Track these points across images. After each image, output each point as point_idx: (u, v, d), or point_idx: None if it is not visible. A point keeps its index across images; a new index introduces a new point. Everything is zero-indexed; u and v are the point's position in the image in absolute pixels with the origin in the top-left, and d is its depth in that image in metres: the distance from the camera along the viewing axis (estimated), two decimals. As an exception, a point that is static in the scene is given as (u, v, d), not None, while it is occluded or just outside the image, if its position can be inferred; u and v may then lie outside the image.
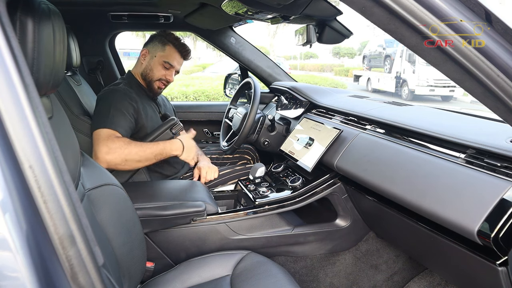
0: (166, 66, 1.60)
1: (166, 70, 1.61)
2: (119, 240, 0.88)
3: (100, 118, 1.42)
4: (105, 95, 1.51)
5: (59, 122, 0.76)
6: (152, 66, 1.60)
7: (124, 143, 1.35)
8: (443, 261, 1.04)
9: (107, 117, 1.40)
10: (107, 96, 1.50)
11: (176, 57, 1.61)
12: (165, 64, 1.59)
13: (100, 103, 1.49)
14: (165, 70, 1.60)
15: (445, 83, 10.55)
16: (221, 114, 2.21)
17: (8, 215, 0.39)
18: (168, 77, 1.62)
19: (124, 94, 1.49)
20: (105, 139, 1.34)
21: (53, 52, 0.63)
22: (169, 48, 1.59)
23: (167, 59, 1.59)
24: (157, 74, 1.60)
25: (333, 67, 22.92)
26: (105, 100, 1.48)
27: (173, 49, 1.60)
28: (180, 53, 1.62)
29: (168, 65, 1.59)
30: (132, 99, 1.49)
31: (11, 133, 0.39)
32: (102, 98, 1.51)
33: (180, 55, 1.63)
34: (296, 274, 1.47)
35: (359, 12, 0.59)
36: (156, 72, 1.60)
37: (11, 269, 0.40)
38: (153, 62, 1.60)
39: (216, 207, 1.36)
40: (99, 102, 1.51)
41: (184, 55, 1.64)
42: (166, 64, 1.59)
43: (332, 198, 1.41)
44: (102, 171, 0.96)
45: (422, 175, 0.94)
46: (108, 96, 1.49)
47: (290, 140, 1.61)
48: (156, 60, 1.59)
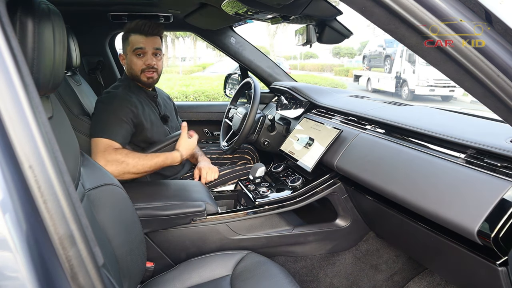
0: (139, 53, 1.52)
1: (141, 58, 1.53)
2: (119, 240, 0.88)
3: (98, 126, 1.41)
4: (104, 100, 1.49)
5: (59, 122, 0.76)
6: (129, 63, 1.55)
7: (122, 156, 1.33)
8: (443, 261, 1.04)
9: (106, 125, 1.39)
10: (106, 102, 1.48)
11: (139, 39, 1.52)
12: (136, 52, 1.52)
13: (99, 109, 1.48)
14: (141, 58, 1.53)
15: (445, 83, 10.55)
16: (221, 114, 2.21)
17: (8, 215, 0.39)
18: (147, 63, 1.54)
19: (123, 100, 1.47)
20: (103, 151, 1.33)
21: (53, 52, 0.63)
22: (131, 37, 1.53)
23: (134, 46, 1.52)
24: (137, 67, 1.54)
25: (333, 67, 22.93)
26: (104, 106, 1.47)
27: (134, 35, 1.52)
28: (142, 33, 1.52)
29: (139, 50, 1.52)
30: (132, 104, 1.48)
31: (11, 133, 0.39)
32: (101, 103, 1.49)
33: (143, 35, 1.52)
34: (296, 274, 1.47)
35: (359, 12, 0.59)
36: (134, 66, 1.54)
37: (11, 269, 0.40)
38: (129, 60, 1.56)
39: (216, 207, 1.36)
40: (98, 107, 1.49)
41: (146, 32, 1.52)
42: (137, 51, 1.52)
43: (332, 198, 1.41)
44: (102, 171, 0.96)
45: (422, 175, 0.94)
46: (107, 102, 1.48)
47: (290, 140, 1.61)
48: (129, 56, 1.55)
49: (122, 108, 1.44)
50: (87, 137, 1.44)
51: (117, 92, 1.51)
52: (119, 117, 1.42)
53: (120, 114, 1.43)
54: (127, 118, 1.44)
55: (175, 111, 1.89)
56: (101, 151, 1.33)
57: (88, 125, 1.51)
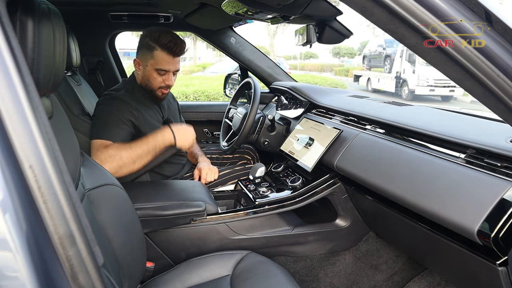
0: (161, 73, 1.49)
1: (162, 76, 1.50)
2: (119, 240, 0.88)
3: (96, 128, 1.40)
4: (105, 101, 1.47)
5: (59, 122, 0.76)
6: (147, 76, 1.50)
7: (114, 151, 1.31)
8: (443, 261, 1.04)
9: (104, 127, 1.37)
10: (105, 103, 1.46)
11: (167, 59, 1.46)
12: (159, 72, 1.48)
13: (98, 111, 1.46)
14: (161, 77, 1.50)
15: (445, 83, 10.55)
16: (221, 114, 2.21)
17: (8, 215, 0.39)
18: (167, 82, 1.51)
19: (123, 103, 1.44)
20: (96, 151, 1.32)
21: (53, 52, 0.63)
22: (157, 53, 1.45)
23: (158, 66, 1.47)
24: (155, 83, 1.51)
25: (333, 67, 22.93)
26: (104, 108, 1.45)
27: (162, 52, 1.45)
28: (171, 53, 1.46)
29: (162, 71, 1.48)
30: (132, 107, 1.44)
31: (11, 133, 0.39)
32: (101, 105, 1.47)
33: (171, 55, 1.47)
34: (296, 274, 1.47)
35: (359, 12, 0.59)
36: (153, 81, 1.50)
37: (11, 269, 0.40)
38: (147, 72, 1.50)
39: (216, 207, 1.36)
40: (98, 108, 1.48)
41: (175, 53, 1.47)
42: (160, 71, 1.48)
43: (332, 198, 1.41)
44: (102, 171, 0.96)
45: (422, 175, 0.94)
46: (106, 103, 1.46)
47: (290, 140, 1.61)
48: (149, 69, 1.48)
49: (121, 110, 1.43)
50: (87, 137, 1.44)
51: (117, 94, 1.49)
52: (119, 119, 1.41)
53: (120, 115, 1.41)
54: (126, 120, 1.42)
55: (178, 111, 1.88)
56: (95, 152, 1.32)
57: (88, 125, 1.51)
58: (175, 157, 1.63)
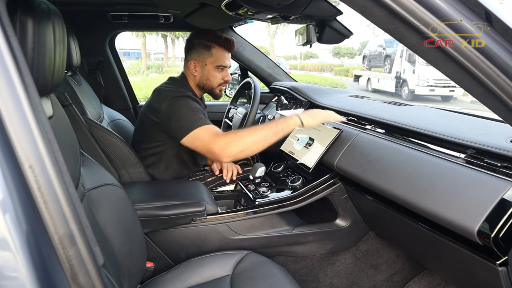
0: (220, 70, 1.54)
1: (221, 73, 1.55)
2: (119, 240, 0.88)
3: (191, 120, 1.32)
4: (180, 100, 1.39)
5: (59, 122, 0.76)
6: (207, 75, 1.53)
7: (234, 134, 1.25)
8: (443, 261, 1.04)
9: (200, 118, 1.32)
10: (183, 101, 1.39)
11: (225, 55, 1.54)
12: (219, 69, 1.53)
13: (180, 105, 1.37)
14: (221, 73, 1.55)
15: (445, 83, 10.55)
16: (221, 114, 2.21)
17: (8, 215, 0.39)
18: (225, 78, 1.56)
19: (194, 100, 1.42)
20: (214, 136, 1.25)
21: (53, 52, 0.63)
22: (215, 50, 1.51)
23: (219, 63, 1.52)
24: (215, 81, 1.54)
25: (333, 67, 22.94)
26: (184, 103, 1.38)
27: (219, 49, 1.51)
28: (227, 49, 1.53)
29: (222, 67, 1.54)
30: (201, 105, 1.45)
31: (11, 133, 0.39)
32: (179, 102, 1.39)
33: (227, 51, 1.54)
34: (296, 274, 1.47)
35: (359, 12, 0.59)
36: (213, 79, 1.54)
37: (11, 269, 0.40)
38: (206, 71, 1.53)
39: (216, 207, 1.36)
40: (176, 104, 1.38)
41: (230, 49, 1.55)
42: (219, 68, 1.53)
43: (332, 198, 1.41)
44: (102, 171, 0.96)
45: (422, 175, 0.94)
46: (185, 100, 1.39)
47: (290, 140, 1.61)
48: (209, 68, 1.52)
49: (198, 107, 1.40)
50: (87, 137, 1.44)
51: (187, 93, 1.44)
52: (202, 112, 1.38)
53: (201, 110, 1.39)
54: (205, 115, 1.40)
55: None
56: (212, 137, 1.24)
57: (88, 125, 1.51)
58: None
